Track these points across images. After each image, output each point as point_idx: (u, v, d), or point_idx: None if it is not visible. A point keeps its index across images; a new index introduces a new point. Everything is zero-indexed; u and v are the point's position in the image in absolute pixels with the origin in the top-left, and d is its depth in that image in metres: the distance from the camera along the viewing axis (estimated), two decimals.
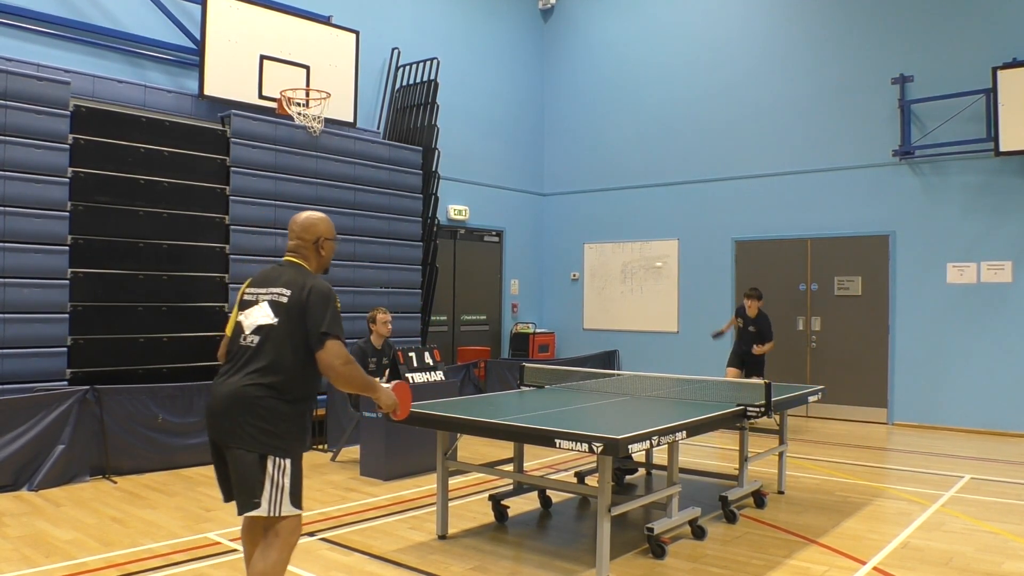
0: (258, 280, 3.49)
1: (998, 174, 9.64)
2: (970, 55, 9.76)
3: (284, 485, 3.18)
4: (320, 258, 3.58)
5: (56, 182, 7.06)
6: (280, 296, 3.32)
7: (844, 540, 5.11)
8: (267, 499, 3.15)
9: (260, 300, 3.37)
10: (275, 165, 8.76)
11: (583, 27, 13.40)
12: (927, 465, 7.66)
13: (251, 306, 3.38)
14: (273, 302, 3.32)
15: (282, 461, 3.19)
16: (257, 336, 3.28)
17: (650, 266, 12.51)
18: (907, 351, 10.15)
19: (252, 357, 3.26)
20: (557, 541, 5.23)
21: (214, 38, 8.56)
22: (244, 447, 3.17)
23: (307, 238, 3.53)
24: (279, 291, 3.33)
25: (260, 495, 3.15)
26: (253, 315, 3.34)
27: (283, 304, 3.29)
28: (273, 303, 3.32)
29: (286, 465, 3.20)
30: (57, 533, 5.12)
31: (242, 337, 3.33)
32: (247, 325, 3.34)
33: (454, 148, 11.65)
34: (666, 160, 12.36)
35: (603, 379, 6.97)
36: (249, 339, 3.29)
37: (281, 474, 3.18)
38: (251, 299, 3.42)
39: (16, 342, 6.75)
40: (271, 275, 3.47)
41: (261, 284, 3.44)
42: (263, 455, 3.17)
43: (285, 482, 3.18)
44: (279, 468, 3.18)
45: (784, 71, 11.27)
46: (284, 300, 3.30)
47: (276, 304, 3.31)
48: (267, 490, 3.15)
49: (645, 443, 4.25)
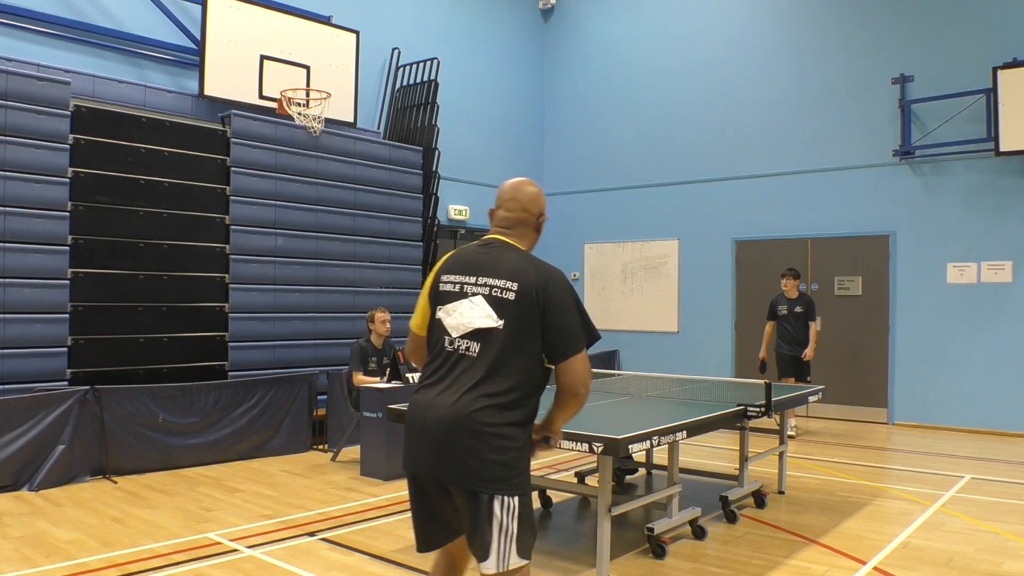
0: (461, 264, 2.76)
1: (998, 174, 9.64)
2: (970, 55, 9.76)
3: (513, 531, 2.54)
4: (536, 238, 2.89)
5: (56, 182, 7.06)
6: (505, 291, 2.62)
7: (844, 540, 5.11)
8: (495, 552, 2.52)
9: (469, 292, 2.68)
10: (275, 165, 8.77)
11: (583, 27, 13.40)
12: (927, 465, 7.66)
13: (456, 298, 2.70)
14: (494, 297, 2.62)
15: (511, 501, 2.54)
16: (476, 343, 2.61)
17: (650, 266, 12.51)
18: (907, 351, 10.15)
19: (472, 369, 2.59)
20: (557, 541, 5.23)
21: (214, 38, 8.56)
22: (476, 486, 2.54)
23: (533, 211, 2.84)
24: (503, 283, 2.63)
25: (490, 545, 2.52)
26: (463, 312, 2.66)
27: (510, 301, 2.61)
28: (494, 299, 2.62)
29: (515, 505, 2.55)
30: (57, 533, 5.12)
31: (447, 340, 2.68)
32: (454, 325, 2.67)
33: (454, 148, 11.65)
34: (666, 160, 12.36)
35: (603, 379, 6.97)
36: (463, 345, 2.64)
37: (511, 518, 2.54)
38: (453, 289, 2.72)
39: (16, 342, 6.76)
40: (480, 258, 2.74)
41: (467, 270, 2.72)
42: (492, 495, 2.53)
43: (515, 527, 2.54)
44: (508, 511, 2.54)
45: (784, 71, 11.27)
46: (511, 296, 2.61)
47: (499, 301, 2.62)
48: (495, 540, 2.53)
49: (645, 443, 4.25)
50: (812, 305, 9.18)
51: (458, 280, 2.72)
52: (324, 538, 5.08)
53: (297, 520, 5.47)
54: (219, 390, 7.43)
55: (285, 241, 8.81)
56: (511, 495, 2.54)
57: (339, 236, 9.34)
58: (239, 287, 8.37)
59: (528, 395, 2.64)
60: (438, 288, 2.77)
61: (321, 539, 5.07)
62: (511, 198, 2.84)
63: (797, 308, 9.15)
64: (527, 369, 2.60)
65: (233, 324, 8.30)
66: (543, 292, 2.60)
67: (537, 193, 2.88)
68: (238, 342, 8.31)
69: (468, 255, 2.78)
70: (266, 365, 8.45)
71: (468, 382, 2.57)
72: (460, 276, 2.72)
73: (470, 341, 2.62)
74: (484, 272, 2.68)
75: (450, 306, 2.69)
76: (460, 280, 2.72)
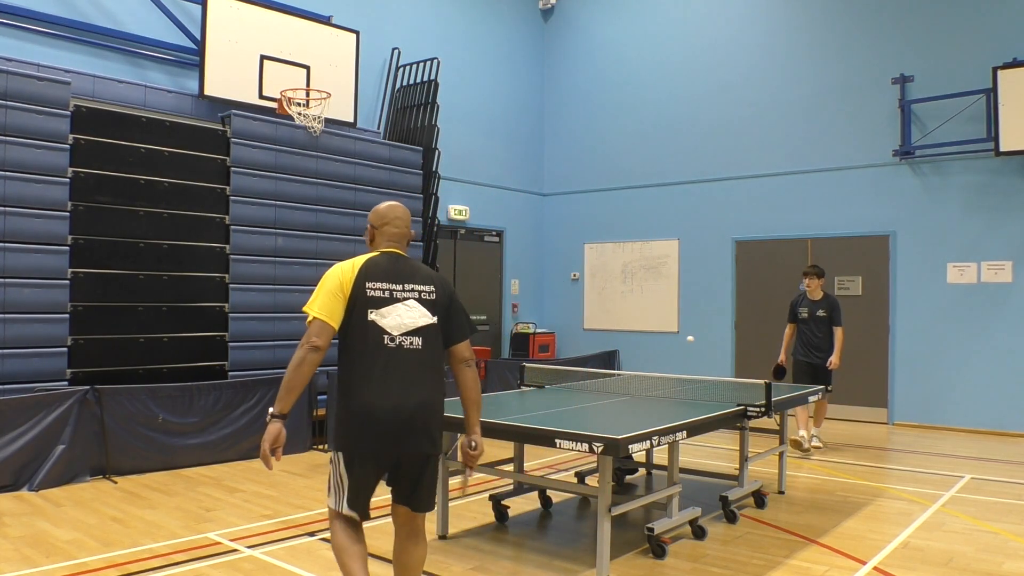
0: (384, 273, 3.24)
1: (998, 174, 9.64)
2: (970, 55, 9.77)
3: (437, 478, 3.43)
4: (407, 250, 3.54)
5: (56, 182, 7.06)
6: (430, 294, 3.28)
7: (844, 540, 5.11)
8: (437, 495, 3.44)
9: (400, 297, 3.21)
10: (275, 165, 8.77)
11: (583, 27, 13.40)
12: (927, 465, 7.66)
13: (388, 303, 3.18)
14: (424, 300, 3.26)
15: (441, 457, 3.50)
16: (418, 338, 3.20)
17: (650, 266, 12.51)
18: (907, 351, 10.15)
19: (421, 361, 3.19)
20: (557, 541, 5.23)
21: (214, 38, 8.56)
22: (436, 452, 3.30)
23: (410, 227, 3.51)
24: (425, 288, 3.27)
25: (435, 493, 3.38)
26: (401, 314, 3.18)
27: (434, 302, 3.28)
28: (425, 301, 3.26)
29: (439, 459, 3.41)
30: (57, 533, 5.12)
31: (387, 339, 3.16)
32: (394, 325, 3.17)
33: (454, 148, 11.65)
34: (666, 160, 12.36)
35: (603, 379, 6.97)
36: (407, 341, 3.18)
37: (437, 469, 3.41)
38: (383, 295, 3.19)
39: (16, 342, 6.76)
40: (400, 269, 3.29)
41: (391, 278, 3.23)
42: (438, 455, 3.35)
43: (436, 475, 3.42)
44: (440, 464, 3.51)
45: (784, 71, 11.27)
46: (434, 298, 3.28)
47: (428, 302, 3.27)
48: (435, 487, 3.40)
49: (645, 443, 4.25)
50: (837, 308, 8.30)
51: (386, 287, 3.21)
52: (324, 538, 5.08)
53: (297, 520, 5.47)
54: (219, 390, 7.43)
55: (285, 241, 8.81)
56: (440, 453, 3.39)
57: (339, 236, 9.33)
58: (239, 287, 8.37)
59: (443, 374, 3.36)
60: (366, 294, 3.19)
61: (321, 539, 5.07)
62: (396, 216, 3.41)
63: (820, 311, 8.26)
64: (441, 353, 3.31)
65: (233, 324, 8.29)
66: (447, 293, 3.32)
67: (408, 214, 3.51)
68: (238, 342, 8.31)
69: (386, 266, 3.29)
70: (266, 365, 8.45)
71: (423, 372, 3.18)
72: (387, 284, 3.22)
73: (413, 337, 3.19)
74: (407, 280, 3.26)
75: (384, 310, 3.18)
76: (388, 287, 3.22)
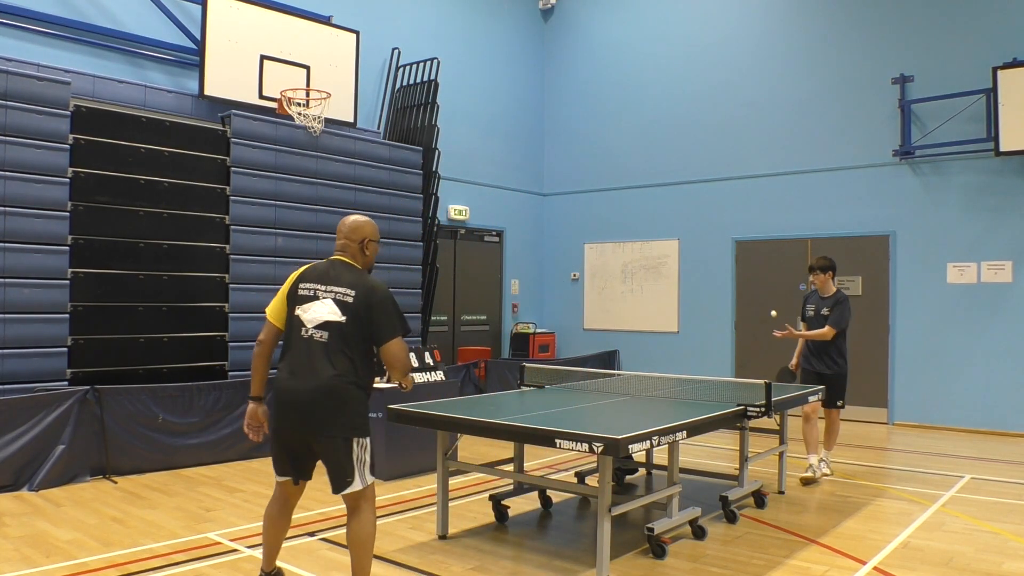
0: (313, 276, 3.73)
1: (998, 174, 9.64)
2: (970, 55, 9.76)
3: (366, 460, 3.62)
4: (365, 258, 3.84)
5: (56, 182, 7.06)
6: (346, 296, 3.62)
7: (844, 540, 5.11)
8: (358, 476, 3.58)
9: (321, 296, 3.64)
10: (275, 165, 8.77)
11: (583, 27, 13.40)
12: (927, 465, 7.66)
13: (310, 301, 3.66)
14: (339, 300, 3.62)
15: (363, 440, 3.62)
16: (325, 332, 3.59)
17: (650, 266, 12.51)
18: (907, 351, 10.15)
19: (326, 351, 3.56)
20: (557, 541, 5.23)
21: (214, 38, 8.56)
22: (339, 435, 3.55)
23: (354, 239, 3.81)
24: (344, 291, 3.63)
25: (353, 474, 3.56)
26: (316, 310, 3.62)
27: (349, 303, 3.60)
28: (339, 301, 3.62)
29: (367, 443, 3.63)
30: (57, 533, 5.12)
31: (303, 331, 3.63)
32: (309, 319, 3.62)
33: (454, 148, 11.65)
34: (666, 160, 12.36)
35: (603, 379, 6.97)
36: (317, 334, 3.60)
37: (363, 451, 3.61)
38: (308, 294, 3.68)
39: (16, 342, 6.76)
40: (328, 272, 3.72)
41: (319, 280, 3.70)
42: (350, 439, 3.56)
43: (367, 457, 3.63)
44: (362, 447, 3.61)
45: (784, 71, 11.27)
46: (350, 300, 3.61)
47: (342, 303, 3.61)
48: (356, 468, 3.58)
49: (645, 443, 4.25)
50: (840, 306, 6.90)
51: (312, 287, 3.69)
52: (324, 538, 5.08)
53: (297, 520, 5.47)
54: (219, 390, 7.43)
55: (285, 241, 8.81)
56: (363, 437, 3.61)
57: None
58: (239, 287, 8.37)
59: (362, 367, 3.62)
60: (296, 292, 3.71)
61: (321, 539, 5.07)
62: (339, 230, 3.84)
63: (825, 310, 6.96)
64: (360, 349, 3.61)
65: (233, 324, 8.29)
66: (368, 297, 3.61)
67: (358, 224, 3.83)
68: (238, 342, 8.31)
69: (320, 270, 3.75)
70: None
71: (325, 361, 3.55)
72: (314, 284, 3.69)
73: (321, 331, 3.60)
74: (331, 283, 3.67)
75: (306, 306, 3.65)
76: (314, 287, 3.68)
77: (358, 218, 3.89)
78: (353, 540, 3.65)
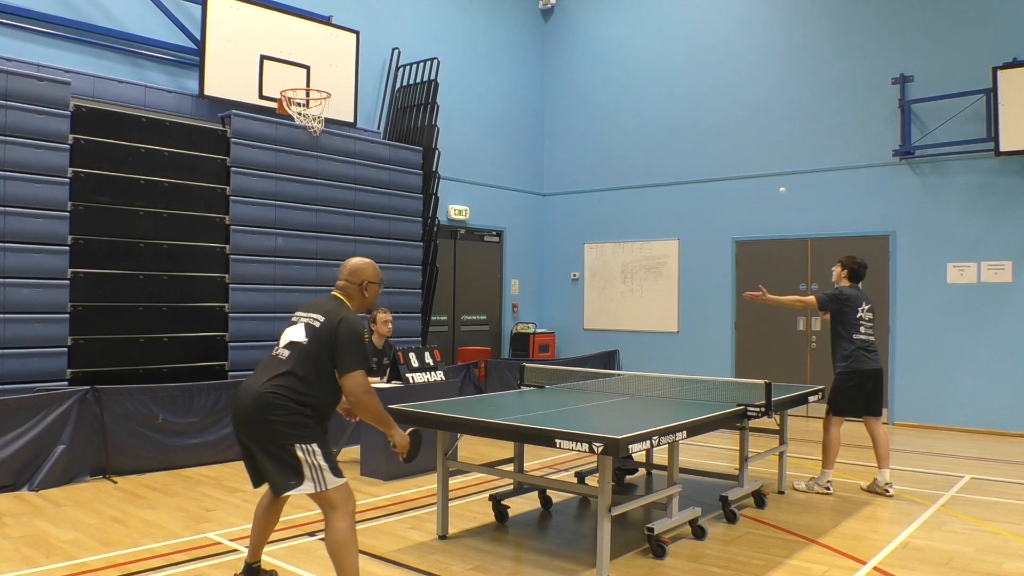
0: (305, 306, 4.01)
1: (998, 174, 9.64)
2: (970, 55, 9.76)
3: (320, 464, 3.63)
4: (363, 299, 4.01)
5: (56, 182, 7.06)
6: (315, 320, 3.80)
7: (844, 540, 5.11)
8: (310, 479, 3.63)
9: (299, 322, 3.86)
10: (275, 165, 8.77)
11: (583, 27, 13.40)
12: (927, 465, 7.66)
13: (291, 326, 3.90)
14: (308, 324, 3.81)
15: (308, 446, 3.64)
16: (288, 351, 3.78)
17: (650, 266, 12.51)
18: (907, 351, 10.15)
19: (276, 367, 3.74)
20: (557, 541, 5.23)
21: (214, 38, 8.56)
22: (272, 443, 3.64)
23: (353, 281, 3.98)
24: (316, 316, 3.81)
25: (299, 478, 3.62)
26: (289, 333, 3.85)
27: (315, 328, 3.77)
28: (308, 326, 3.81)
29: (313, 448, 3.65)
30: (57, 533, 5.12)
31: (274, 349, 3.87)
32: (282, 340, 3.86)
33: (454, 148, 11.65)
34: (666, 160, 12.36)
35: (603, 379, 6.97)
36: (282, 353, 3.80)
37: (312, 456, 3.63)
38: (295, 320, 3.91)
39: (16, 342, 6.76)
40: (316, 303, 3.98)
41: (306, 309, 3.95)
42: (285, 446, 3.62)
43: (320, 461, 3.63)
44: (308, 452, 3.63)
45: (784, 71, 11.27)
46: (317, 325, 3.77)
47: (310, 327, 3.79)
48: (307, 472, 3.62)
49: (645, 443, 4.25)
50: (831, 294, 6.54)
51: (298, 316, 3.93)
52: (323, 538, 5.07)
53: (297, 520, 5.47)
54: (219, 390, 7.42)
55: (285, 241, 8.81)
56: (307, 443, 3.65)
57: (339, 236, 9.34)
58: (239, 287, 8.37)
59: (312, 384, 3.71)
60: (291, 320, 3.97)
61: (321, 539, 5.06)
62: (341, 270, 4.03)
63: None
64: (315, 368, 3.72)
65: (233, 324, 8.30)
66: (335, 325, 3.73)
67: (359, 267, 4.00)
68: (238, 342, 8.31)
69: (313, 301, 4.03)
70: None
71: (269, 374, 3.71)
72: (301, 313, 3.93)
73: (285, 350, 3.80)
74: (311, 310, 3.89)
75: (287, 330, 3.89)
76: (299, 315, 3.93)
77: (359, 261, 4.04)
78: (327, 547, 3.72)
